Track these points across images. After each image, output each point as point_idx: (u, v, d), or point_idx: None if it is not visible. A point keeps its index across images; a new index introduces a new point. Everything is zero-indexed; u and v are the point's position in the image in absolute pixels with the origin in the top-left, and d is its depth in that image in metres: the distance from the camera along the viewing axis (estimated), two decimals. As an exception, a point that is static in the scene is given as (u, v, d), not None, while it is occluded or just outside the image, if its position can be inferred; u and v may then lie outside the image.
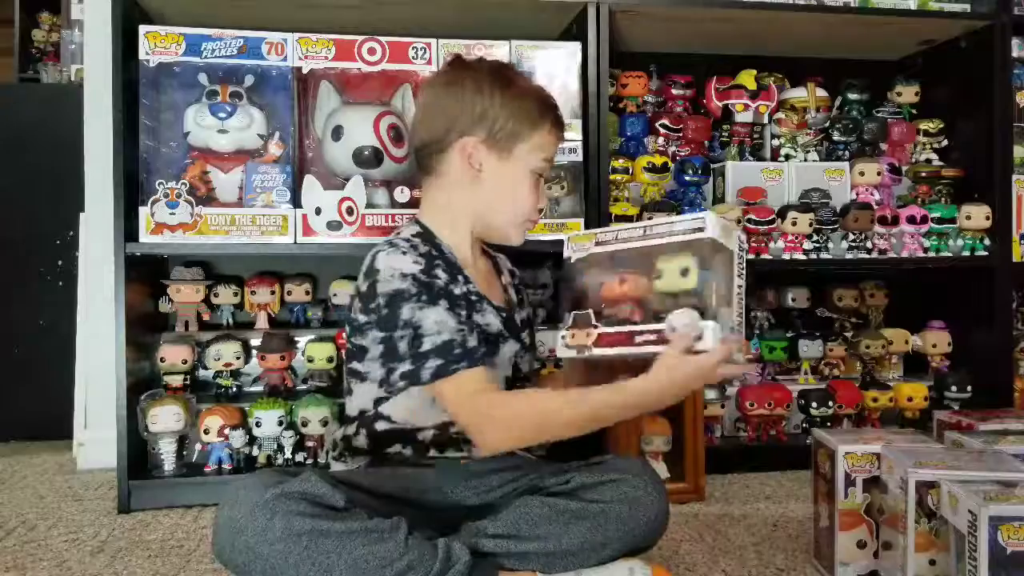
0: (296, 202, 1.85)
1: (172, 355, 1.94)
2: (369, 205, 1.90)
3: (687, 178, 2.15)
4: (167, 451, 1.85)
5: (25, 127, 2.54)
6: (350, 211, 1.86)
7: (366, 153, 1.88)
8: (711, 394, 2.07)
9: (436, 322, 1.19)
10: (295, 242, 1.83)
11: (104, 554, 1.50)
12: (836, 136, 2.30)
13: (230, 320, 2.11)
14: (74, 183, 2.24)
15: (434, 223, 1.36)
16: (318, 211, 1.85)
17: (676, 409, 1.85)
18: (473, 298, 1.30)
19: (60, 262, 2.49)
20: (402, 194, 1.91)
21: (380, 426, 1.29)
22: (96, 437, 2.14)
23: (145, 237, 1.77)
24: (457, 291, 1.27)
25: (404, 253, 1.24)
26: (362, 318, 1.28)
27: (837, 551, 1.32)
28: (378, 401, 1.28)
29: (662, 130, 2.23)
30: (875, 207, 2.17)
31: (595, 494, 1.24)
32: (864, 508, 1.31)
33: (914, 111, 2.41)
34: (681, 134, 2.25)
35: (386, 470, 1.27)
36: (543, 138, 1.33)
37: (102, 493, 1.90)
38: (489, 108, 1.29)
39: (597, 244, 1.27)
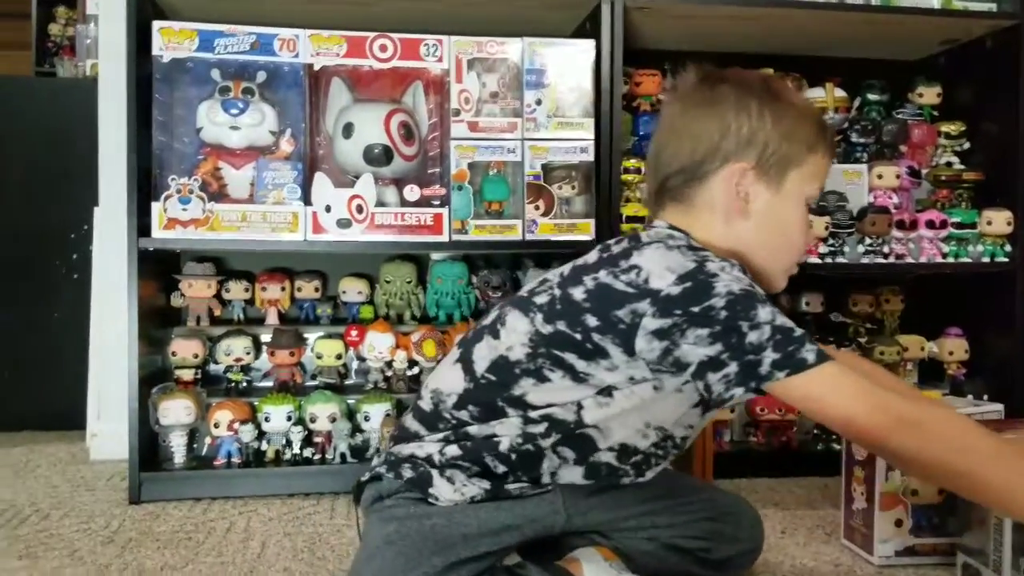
0: (306, 199, 1.85)
1: (183, 349, 1.95)
2: (379, 203, 1.90)
3: (701, 179, 2.13)
4: (177, 444, 1.86)
5: (41, 120, 2.56)
6: (360, 209, 1.86)
7: (376, 151, 1.88)
8: (721, 397, 2.04)
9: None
10: (305, 239, 1.84)
11: (114, 544, 1.51)
12: (854, 138, 2.26)
13: (241, 315, 2.12)
14: (89, 177, 2.26)
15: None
16: (328, 209, 1.85)
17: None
18: None
19: (75, 255, 2.51)
20: (412, 192, 1.91)
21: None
22: (108, 429, 2.16)
23: (157, 232, 1.78)
24: None
25: (739, 278, 1.02)
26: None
27: (876, 530, 1.45)
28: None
29: (677, 131, 2.20)
30: (893, 211, 2.14)
31: (733, 564, 1.25)
32: (901, 491, 1.45)
33: (935, 112, 2.37)
34: (696, 135, 2.22)
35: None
36: (818, 163, 1.12)
37: (114, 484, 1.92)
38: (759, 129, 1.08)
39: None
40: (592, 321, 1.03)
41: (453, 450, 1.07)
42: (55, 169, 2.53)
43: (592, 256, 1.14)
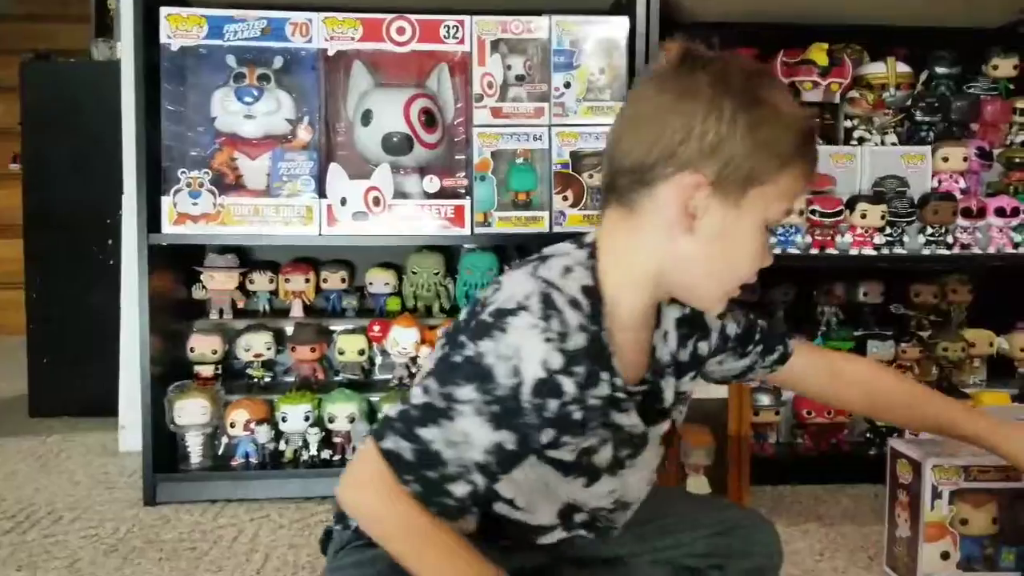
0: (322, 191, 1.77)
1: (202, 344, 1.91)
2: (400, 194, 1.81)
3: (746, 164, 1.97)
4: (194, 444, 1.83)
5: (83, 100, 2.53)
6: (377, 201, 1.78)
7: (395, 139, 1.79)
8: (764, 399, 1.92)
9: (466, 433, 0.87)
10: (320, 233, 1.77)
11: (117, 554, 1.49)
12: (919, 116, 2.07)
13: (266, 307, 2.06)
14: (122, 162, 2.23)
15: (612, 275, 0.96)
16: (343, 201, 1.77)
17: (719, 417, 1.73)
18: (619, 396, 0.97)
19: (110, 241, 2.50)
20: (431, 183, 1.81)
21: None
22: (136, 420, 2.13)
23: (168, 228, 1.73)
24: (591, 401, 0.93)
25: (547, 340, 0.86)
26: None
27: (921, 562, 1.34)
28: None
29: (720, 111, 2.04)
30: (959, 197, 1.96)
31: None
32: (949, 520, 1.33)
33: (1011, 87, 2.15)
34: (742, 115, 2.06)
35: None
36: (790, 183, 0.93)
37: (134, 481, 1.89)
38: (727, 139, 0.90)
39: None
40: None
41: None
42: (95, 152, 2.49)
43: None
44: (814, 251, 1.93)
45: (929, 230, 1.94)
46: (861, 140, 2.05)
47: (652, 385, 1.02)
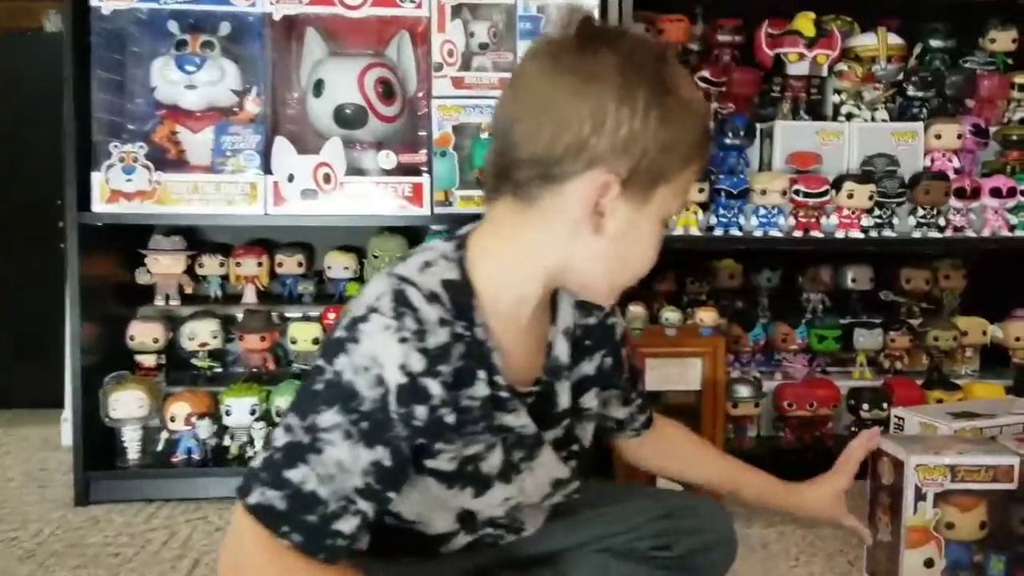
0: (268, 168, 1.65)
1: (142, 332, 1.78)
2: (356, 171, 1.69)
3: (727, 141, 1.85)
4: (131, 439, 1.70)
5: (31, 74, 2.38)
6: (327, 178, 1.65)
7: (348, 111, 1.67)
8: (744, 391, 1.80)
9: (339, 462, 0.78)
10: (265, 213, 1.64)
11: (34, 560, 1.38)
12: (911, 91, 1.95)
13: (218, 293, 1.94)
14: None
15: (490, 270, 0.88)
16: (291, 178, 1.65)
17: (693, 409, 1.62)
18: (502, 396, 0.89)
19: (61, 223, 2.36)
20: (387, 159, 1.69)
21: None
22: (80, 413, 2.02)
23: (99, 206, 1.61)
24: (465, 402, 0.85)
25: (402, 340, 0.79)
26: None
27: (902, 570, 1.21)
28: None
29: (701, 84, 1.92)
30: (952, 176, 1.85)
31: (699, 560, 1.09)
32: (933, 524, 1.21)
33: (1009, 61, 2.04)
34: (724, 88, 1.94)
35: None
36: (690, 178, 0.89)
37: (70, 479, 1.77)
38: (641, 135, 0.82)
39: None
40: None
41: None
42: (44, 129, 2.34)
43: None
44: (798, 233, 1.82)
45: (920, 212, 1.83)
46: (849, 116, 1.93)
47: (546, 386, 0.95)
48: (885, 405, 1.79)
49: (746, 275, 2.07)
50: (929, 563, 1.21)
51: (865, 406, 1.81)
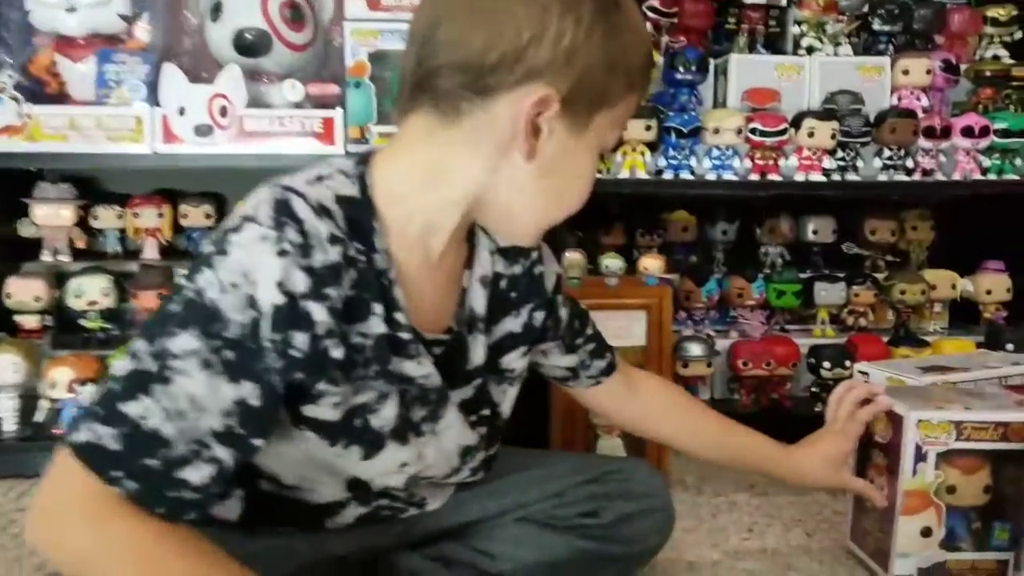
0: (156, 100, 1.46)
1: (21, 290, 1.58)
2: (258, 104, 1.51)
3: (678, 76, 1.69)
4: (6, 408, 1.51)
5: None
6: (224, 112, 1.46)
7: (248, 36, 1.49)
8: (695, 349, 1.65)
9: (192, 397, 0.63)
10: (153, 152, 1.45)
11: None
12: (876, 25, 1.81)
13: (116, 248, 1.75)
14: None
15: (396, 191, 0.76)
16: (182, 111, 1.45)
17: (639, 367, 1.46)
18: (402, 337, 0.76)
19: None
20: (293, 90, 1.50)
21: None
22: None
23: (-42, 143, 1.40)
24: (356, 339, 0.73)
25: (281, 253, 0.65)
26: None
27: (896, 540, 1.07)
28: None
29: (650, 14, 1.75)
30: (921, 115, 1.70)
31: (631, 529, 1.00)
32: (934, 489, 1.06)
33: (981, -6, 1.91)
34: (675, 19, 1.77)
35: None
36: (629, 106, 0.81)
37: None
38: (584, 47, 0.72)
39: None
40: None
41: None
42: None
43: None
44: (755, 177, 1.66)
45: (886, 152, 1.69)
46: (810, 49, 1.78)
47: (456, 337, 0.83)
48: (848, 364, 1.65)
49: (700, 227, 1.93)
50: (927, 532, 1.06)
51: (826, 364, 1.67)
